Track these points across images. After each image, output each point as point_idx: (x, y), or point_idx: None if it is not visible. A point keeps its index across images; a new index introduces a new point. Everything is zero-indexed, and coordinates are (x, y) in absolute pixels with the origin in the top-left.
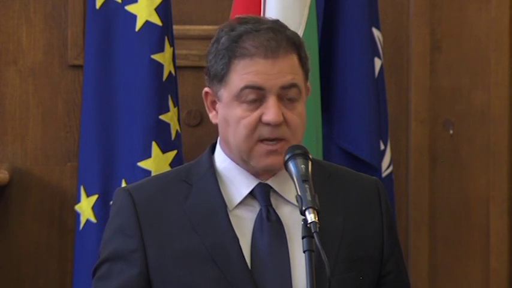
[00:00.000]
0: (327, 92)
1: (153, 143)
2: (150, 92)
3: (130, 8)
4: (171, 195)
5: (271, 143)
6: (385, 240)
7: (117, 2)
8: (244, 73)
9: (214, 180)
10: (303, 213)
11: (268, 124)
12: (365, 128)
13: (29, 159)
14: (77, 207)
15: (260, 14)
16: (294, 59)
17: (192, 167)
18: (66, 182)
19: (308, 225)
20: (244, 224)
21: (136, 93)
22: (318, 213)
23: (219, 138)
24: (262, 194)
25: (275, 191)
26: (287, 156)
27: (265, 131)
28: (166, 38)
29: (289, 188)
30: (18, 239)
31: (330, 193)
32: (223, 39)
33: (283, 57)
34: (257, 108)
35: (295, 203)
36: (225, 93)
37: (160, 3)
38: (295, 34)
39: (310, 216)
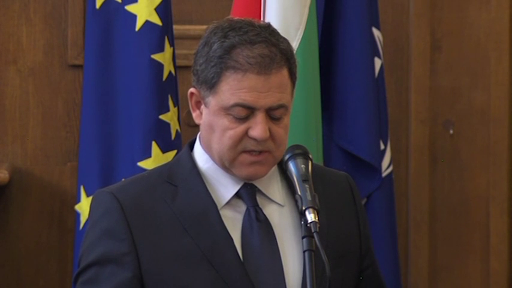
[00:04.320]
0: (327, 92)
1: (153, 143)
2: (150, 92)
3: (130, 8)
4: (156, 196)
5: (254, 153)
6: (362, 234)
7: (117, 2)
8: (236, 88)
9: (201, 180)
10: (303, 213)
11: (254, 138)
12: (365, 128)
13: (29, 159)
14: (77, 207)
15: (260, 14)
16: (284, 73)
17: (172, 167)
18: (66, 182)
19: (308, 225)
20: (232, 224)
21: (136, 93)
22: (318, 213)
23: (199, 138)
24: (248, 195)
25: (259, 191)
26: (287, 156)
27: (250, 144)
28: (166, 38)
29: (273, 188)
30: (18, 239)
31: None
32: (215, 46)
33: (275, 74)
34: (244, 121)
35: (279, 202)
36: (213, 101)
37: (160, 3)
38: (287, 43)
39: (311, 216)
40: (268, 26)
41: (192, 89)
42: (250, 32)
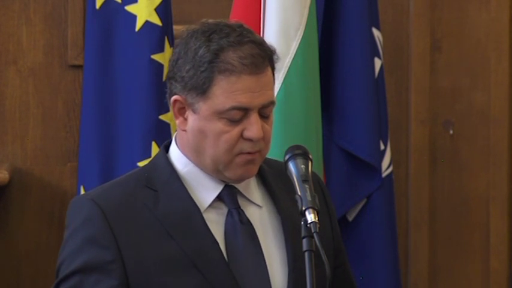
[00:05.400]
0: (327, 92)
1: (153, 143)
2: (150, 92)
3: (130, 8)
4: (137, 202)
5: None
6: (334, 232)
7: (117, 2)
8: (230, 91)
9: (181, 184)
10: (303, 213)
11: (249, 140)
12: (365, 128)
13: (29, 159)
14: None
15: (260, 14)
16: (270, 71)
17: (150, 171)
18: (66, 182)
19: (308, 226)
20: (216, 227)
21: (136, 93)
22: (318, 213)
23: (175, 141)
24: (230, 197)
25: (239, 192)
26: (287, 156)
27: (245, 146)
28: (166, 38)
29: (251, 189)
30: (18, 239)
31: (285, 190)
32: (201, 51)
33: (265, 73)
34: (238, 123)
35: (258, 203)
36: (205, 106)
37: (160, 3)
38: (265, 41)
39: (311, 216)
40: (243, 25)
41: (175, 96)
42: (233, 33)
